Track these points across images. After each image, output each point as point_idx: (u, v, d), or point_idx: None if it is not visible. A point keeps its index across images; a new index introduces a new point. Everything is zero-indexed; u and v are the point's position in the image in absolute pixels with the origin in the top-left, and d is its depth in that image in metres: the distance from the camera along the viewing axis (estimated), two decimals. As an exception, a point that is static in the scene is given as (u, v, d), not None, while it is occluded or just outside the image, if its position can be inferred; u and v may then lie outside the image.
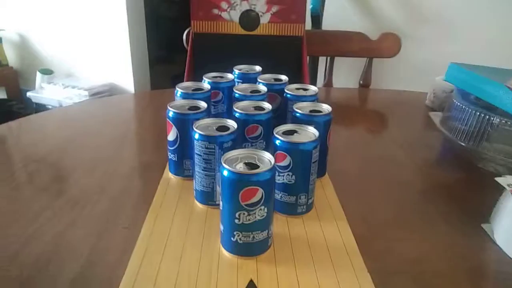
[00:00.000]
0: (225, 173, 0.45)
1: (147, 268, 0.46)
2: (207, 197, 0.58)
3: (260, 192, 0.45)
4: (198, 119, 0.58)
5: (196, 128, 0.56)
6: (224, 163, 0.46)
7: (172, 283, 0.44)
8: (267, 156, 0.48)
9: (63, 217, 0.54)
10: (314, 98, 0.68)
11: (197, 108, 0.63)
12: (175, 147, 0.62)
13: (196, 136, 0.55)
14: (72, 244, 0.50)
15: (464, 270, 0.48)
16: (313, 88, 0.71)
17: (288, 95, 0.70)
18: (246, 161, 0.48)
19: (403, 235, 0.53)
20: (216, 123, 0.59)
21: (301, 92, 0.70)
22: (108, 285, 0.43)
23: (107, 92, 2.48)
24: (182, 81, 0.92)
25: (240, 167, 0.47)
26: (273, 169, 0.46)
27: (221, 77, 0.77)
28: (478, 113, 0.71)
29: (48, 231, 0.52)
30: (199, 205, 0.58)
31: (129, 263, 0.46)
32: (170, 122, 0.61)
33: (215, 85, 0.74)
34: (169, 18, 3.10)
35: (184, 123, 0.61)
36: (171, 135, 0.62)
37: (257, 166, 0.47)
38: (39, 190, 0.62)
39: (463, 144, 0.73)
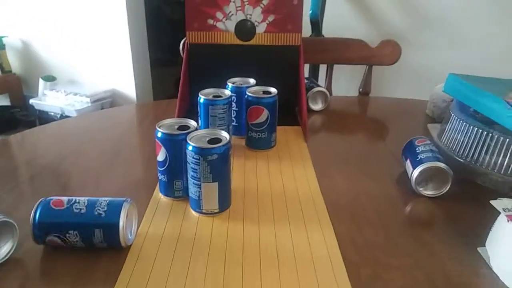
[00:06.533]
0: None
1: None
2: (196, 205, 0.59)
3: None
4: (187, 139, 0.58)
5: (190, 140, 0.57)
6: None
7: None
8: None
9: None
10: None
11: (186, 127, 0.62)
12: (164, 167, 0.61)
13: (190, 147, 0.56)
14: (61, 263, 0.50)
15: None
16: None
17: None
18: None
19: (394, 261, 0.52)
20: (210, 135, 0.59)
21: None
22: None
23: (109, 98, 2.48)
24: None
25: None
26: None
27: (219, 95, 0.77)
28: (476, 128, 0.69)
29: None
30: (192, 212, 0.60)
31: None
32: (159, 143, 0.60)
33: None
34: (170, 20, 3.09)
35: (173, 143, 0.60)
36: (161, 156, 0.61)
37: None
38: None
39: (460, 159, 0.71)
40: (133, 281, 0.47)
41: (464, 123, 0.71)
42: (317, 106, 1.04)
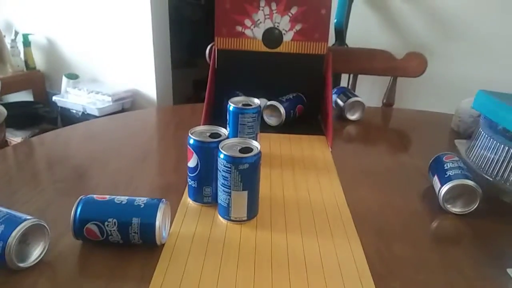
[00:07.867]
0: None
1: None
2: (225, 212, 0.60)
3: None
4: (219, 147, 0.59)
5: (222, 148, 0.58)
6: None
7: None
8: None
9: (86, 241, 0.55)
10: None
11: (218, 135, 0.63)
12: (195, 174, 0.62)
13: (221, 156, 0.57)
14: (93, 267, 0.51)
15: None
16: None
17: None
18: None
19: (423, 277, 0.52)
20: (241, 144, 0.60)
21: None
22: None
23: (130, 98, 2.51)
24: (204, 86, 0.94)
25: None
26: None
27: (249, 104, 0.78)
28: (505, 146, 0.69)
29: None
30: (220, 219, 0.61)
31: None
32: (191, 149, 0.61)
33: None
34: (192, 21, 3.11)
35: (205, 151, 0.61)
36: (192, 162, 0.62)
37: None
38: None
39: (488, 177, 0.71)
40: (168, 278, 0.49)
41: (493, 141, 0.71)
42: (354, 116, 1.04)
